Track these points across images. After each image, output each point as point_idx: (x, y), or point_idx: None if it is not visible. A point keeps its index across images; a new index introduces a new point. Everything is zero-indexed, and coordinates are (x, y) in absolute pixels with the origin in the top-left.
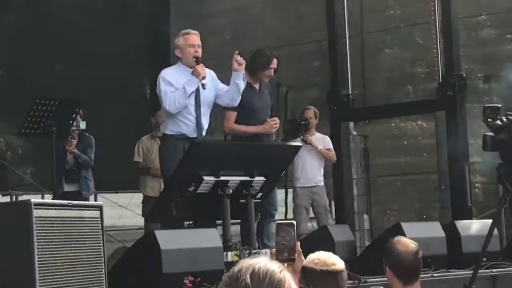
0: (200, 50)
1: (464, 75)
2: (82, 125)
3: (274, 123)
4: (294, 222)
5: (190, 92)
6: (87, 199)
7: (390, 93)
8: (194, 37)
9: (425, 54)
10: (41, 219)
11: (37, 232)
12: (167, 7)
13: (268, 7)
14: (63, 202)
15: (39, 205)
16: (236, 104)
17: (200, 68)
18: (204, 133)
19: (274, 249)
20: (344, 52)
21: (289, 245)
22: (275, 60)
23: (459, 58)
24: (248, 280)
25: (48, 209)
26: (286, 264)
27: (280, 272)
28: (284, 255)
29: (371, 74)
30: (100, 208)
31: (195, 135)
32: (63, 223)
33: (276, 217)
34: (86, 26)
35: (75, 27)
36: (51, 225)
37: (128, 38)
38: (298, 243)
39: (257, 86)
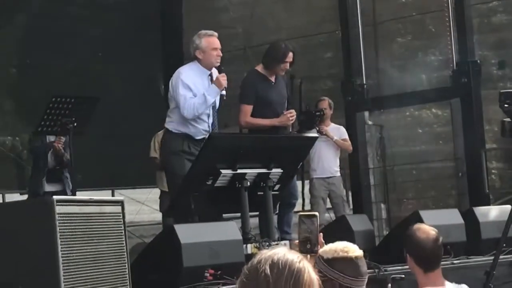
0: (221, 54)
1: (478, 61)
2: None
3: (290, 116)
4: (317, 213)
5: (210, 102)
6: None
7: (404, 81)
8: (217, 40)
9: (438, 42)
10: (63, 215)
11: (60, 229)
12: (179, 1)
13: (279, 0)
14: (84, 198)
15: (61, 201)
16: (199, 113)
17: (222, 78)
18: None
19: (297, 241)
20: (358, 41)
21: (312, 237)
22: (290, 54)
23: (473, 44)
24: (268, 271)
25: (70, 205)
26: (308, 256)
27: (299, 262)
28: (307, 247)
29: (385, 63)
30: (121, 203)
31: (200, 137)
32: (85, 219)
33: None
34: (99, 23)
35: (87, 24)
36: (73, 221)
37: (140, 33)
38: (321, 234)
39: (273, 79)
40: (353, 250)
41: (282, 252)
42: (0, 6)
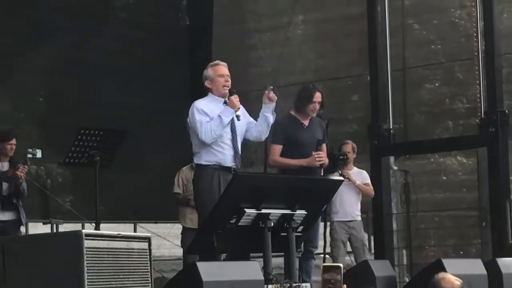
0: (229, 80)
1: (506, 111)
2: (39, 153)
3: (317, 157)
4: (341, 265)
5: (226, 122)
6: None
7: (430, 128)
8: (223, 68)
9: (466, 90)
10: (91, 249)
11: (87, 263)
12: (208, 39)
13: (309, 40)
14: (113, 233)
15: (89, 236)
16: (264, 138)
17: (235, 98)
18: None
19: None
20: (386, 85)
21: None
22: (318, 94)
23: (502, 94)
24: None
25: (98, 240)
26: None
27: None
28: None
29: (412, 109)
30: (148, 239)
31: (231, 164)
32: (112, 254)
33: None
34: (128, 57)
35: (117, 57)
36: (101, 256)
37: (169, 67)
38: (345, 286)
39: (306, 122)
40: None
41: None
42: (30, 35)
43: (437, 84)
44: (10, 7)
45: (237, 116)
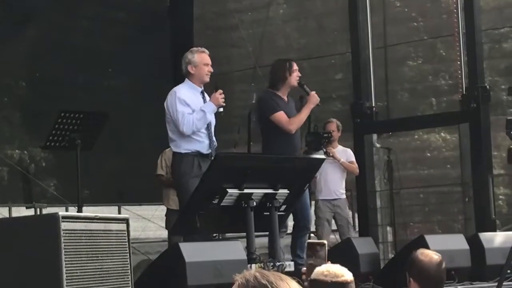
0: (212, 70)
1: (487, 87)
2: None
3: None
4: (325, 242)
5: (209, 120)
6: None
7: (413, 105)
8: (208, 57)
9: (448, 66)
10: (68, 232)
11: (64, 245)
12: (189, 20)
13: (291, 20)
14: (90, 215)
15: (66, 218)
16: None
17: (219, 95)
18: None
19: (304, 268)
20: (368, 64)
21: (320, 264)
22: (293, 63)
23: (483, 70)
24: None
25: (75, 222)
26: None
27: (274, 283)
28: None
29: (394, 86)
30: (126, 221)
31: (207, 151)
32: (90, 236)
33: None
34: (109, 38)
35: (97, 39)
36: (78, 238)
37: (151, 49)
38: (329, 262)
39: (285, 98)
40: (343, 274)
41: (260, 273)
42: (10, 19)
43: (419, 61)
44: None
45: (220, 112)
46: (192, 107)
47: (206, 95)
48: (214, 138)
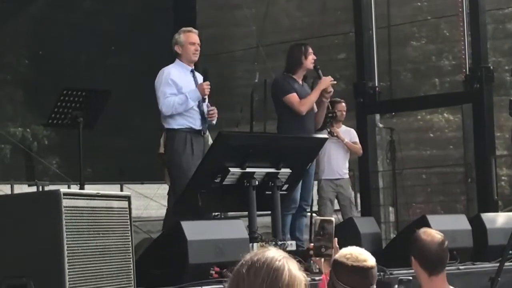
0: (199, 49)
1: (491, 67)
2: None
3: (329, 79)
4: (333, 218)
5: (190, 106)
6: None
7: (416, 85)
8: (195, 36)
9: (452, 47)
10: (70, 209)
11: (66, 222)
12: None
13: None
14: (92, 192)
15: (68, 195)
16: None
17: (206, 86)
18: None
19: (312, 244)
20: (371, 44)
21: (327, 241)
22: (308, 47)
23: (486, 50)
24: (245, 271)
25: (77, 199)
26: (323, 259)
27: (279, 260)
28: (322, 251)
29: (397, 66)
30: (128, 198)
31: (200, 128)
32: (92, 213)
33: None
34: (111, 16)
35: (100, 17)
36: (80, 215)
37: (153, 28)
38: (336, 239)
39: (300, 81)
40: (366, 259)
41: (266, 251)
42: None
43: (423, 42)
44: None
45: (204, 99)
46: (178, 85)
47: (197, 73)
48: (205, 114)
